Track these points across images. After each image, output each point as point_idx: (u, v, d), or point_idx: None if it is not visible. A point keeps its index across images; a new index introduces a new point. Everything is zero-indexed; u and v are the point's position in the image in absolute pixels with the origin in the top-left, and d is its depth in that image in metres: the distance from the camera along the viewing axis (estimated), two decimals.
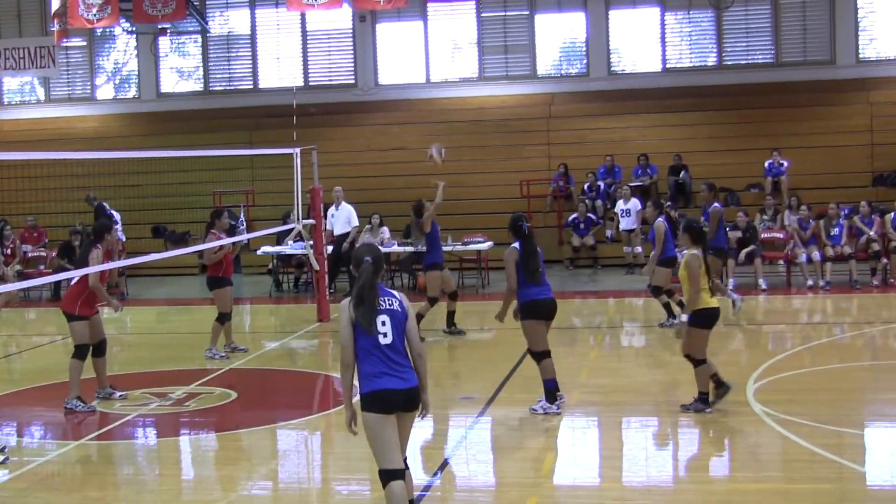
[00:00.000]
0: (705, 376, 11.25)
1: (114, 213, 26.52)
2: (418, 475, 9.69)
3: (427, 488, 9.19)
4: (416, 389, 7.45)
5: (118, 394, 12.97)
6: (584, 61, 31.92)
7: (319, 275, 19.00)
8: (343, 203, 22.48)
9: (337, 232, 22.21)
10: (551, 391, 11.53)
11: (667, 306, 16.89)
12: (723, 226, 18.14)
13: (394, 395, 7.34)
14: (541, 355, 11.64)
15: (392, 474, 7.37)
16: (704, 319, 11.14)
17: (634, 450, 10.51)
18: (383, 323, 7.35)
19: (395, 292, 7.57)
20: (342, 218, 22.35)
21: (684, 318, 11.26)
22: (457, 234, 23.51)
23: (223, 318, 15.12)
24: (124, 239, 25.84)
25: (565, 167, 27.88)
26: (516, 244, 11.65)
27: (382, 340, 7.34)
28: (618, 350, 16.27)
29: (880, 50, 30.66)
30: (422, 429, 11.63)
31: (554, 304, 11.85)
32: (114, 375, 13.74)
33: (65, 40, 31.20)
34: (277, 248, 23.25)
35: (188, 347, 14.84)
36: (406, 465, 7.56)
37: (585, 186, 27.41)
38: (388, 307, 7.41)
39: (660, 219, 16.85)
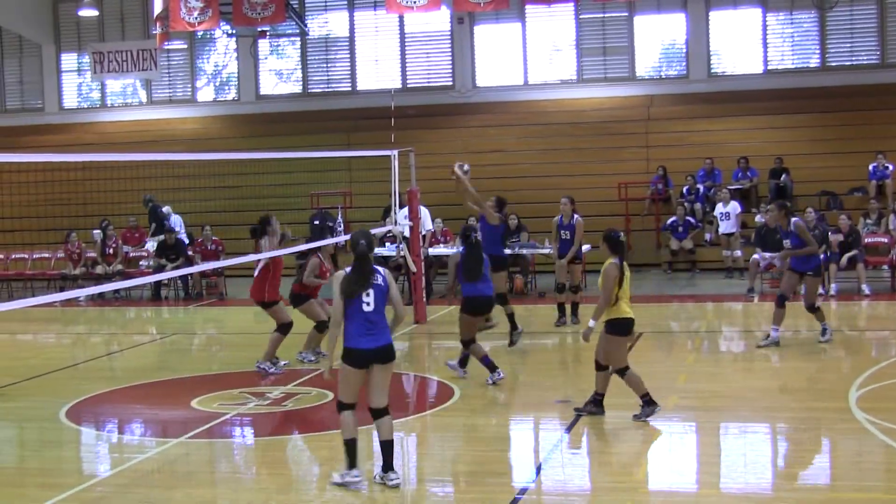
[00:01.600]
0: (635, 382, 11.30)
1: (173, 215, 26.89)
2: (514, 478, 9.63)
3: (522, 492, 9.13)
4: (389, 346, 9.13)
5: (281, 363, 14.52)
6: (684, 63, 31.62)
7: (416, 277, 19.01)
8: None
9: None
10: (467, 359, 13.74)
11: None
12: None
13: (366, 353, 9.01)
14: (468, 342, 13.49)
15: (345, 406, 9.24)
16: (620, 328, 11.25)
17: (732, 456, 10.33)
18: (367, 294, 8.99)
19: (380, 269, 9.18)
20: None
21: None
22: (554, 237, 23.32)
23: (321, 326, 15.08)
24: (187, 241, 26.12)
25: (664, 170, 27.60)
26: (462, 249, 13.52)
27: (365, 308, 8.99)
28: (716, 355, 16.04)
29: None
30: (518, 432, 11.59)
31: (490, 301, 13.62)
32: (214, 375, 13.89)
33: (166, 43, 31.64)
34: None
35: (285, 348, 14.90)
36: (387, 411, 9.30)
37: (684, 189, 27.10)
38: (374, 282, 9.06)
39: (795, 218, 15.84)
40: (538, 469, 9.89)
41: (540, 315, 20.37)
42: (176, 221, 27.38)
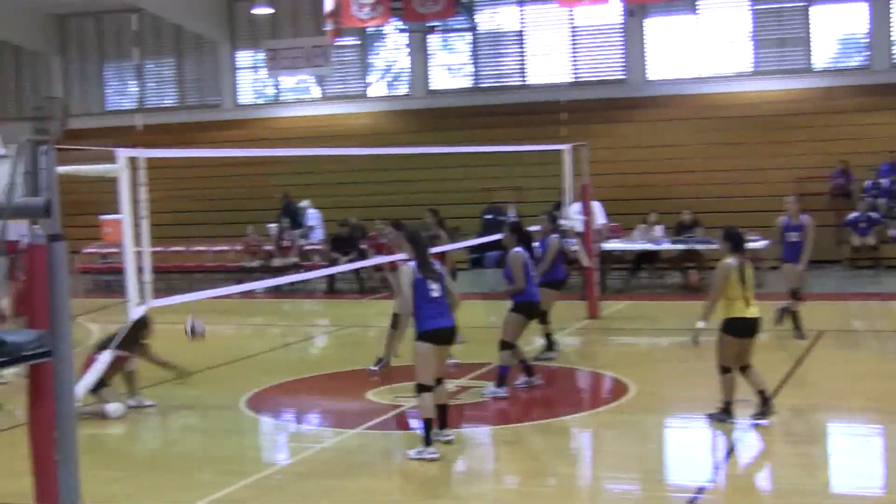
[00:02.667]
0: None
1: (310, 210, 27.11)
2: (691, 476, 9.41)
3: (700, 491, 8.91)
4: (456, 327, 10.25)
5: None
6: (866, 53, 30.67)
7: (589, 271, 18.82)
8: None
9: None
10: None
11: None
12: None
13: (446, 331, 10.13)
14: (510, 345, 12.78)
15: (427, 388, 10.03)
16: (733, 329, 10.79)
17: None
18: (433, 282, 10.03)
19: (435, 262, 10.28)
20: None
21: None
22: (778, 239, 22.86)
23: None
24: (321, 237, 26.30)
25: (845, 164, 26.77)
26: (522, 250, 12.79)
27: (433, 294, 10.01)
28: None
29: None
30: (695, 431, 11.33)
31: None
32: (396, 366, 13.91)
33: (338, 39, 32.05)
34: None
35: (480, 343, 14.89)
36: (441, 379, 10.30)
37: (866, 184, 26.24)
38: (437, 272, 10.19)
39: None
40: (716, 468, 9.66)
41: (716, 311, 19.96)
42: (313, 217, 27.72)
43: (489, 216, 27.10)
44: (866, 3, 30.27)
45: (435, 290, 10.01)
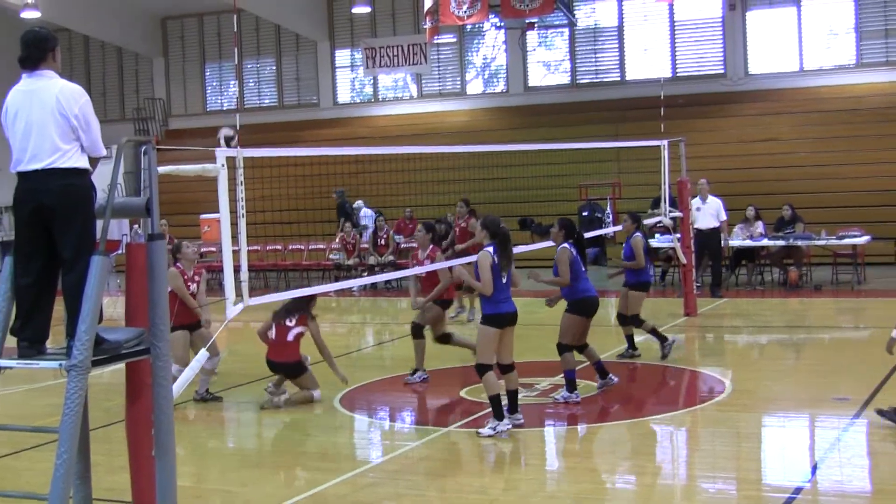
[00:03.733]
0: None
1: (364, 209, 27.19)
2: (788, 477, 9.31)
3: (797, 491, 8.80)
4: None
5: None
6: None
7: (686, 268, 18.69)
8: (710, 197, 21.34)
9: (702, 226, 21.13)
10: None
11: None
12: None
13: (511, 315, 10.85)
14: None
15: (488, 367, 10.71)
16: None
17: None
18: (503, 269, 10.72)
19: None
20: (709, 212, 21.27)
21: None
22: (831, 228, 22.57)
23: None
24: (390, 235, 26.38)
25: None
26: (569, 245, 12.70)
27: (503, 280, 10.73)
28: None
29: None
30: (792, 430, 11.21)
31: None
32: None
33: (436, 37, 32.18)
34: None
35: (554, 339, 14.87)
36: (513, 365, 11.00)
37: None
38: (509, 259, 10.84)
39: None
40: (814, 468, 9.53)
41: (816, 308, 19.74)
42: (367, 216, 27.83)
43: (586, 213, 27.03)
44: None
45: (504, 276, 10.75)
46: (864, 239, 22.03)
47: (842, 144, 28.54)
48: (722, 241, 21.38)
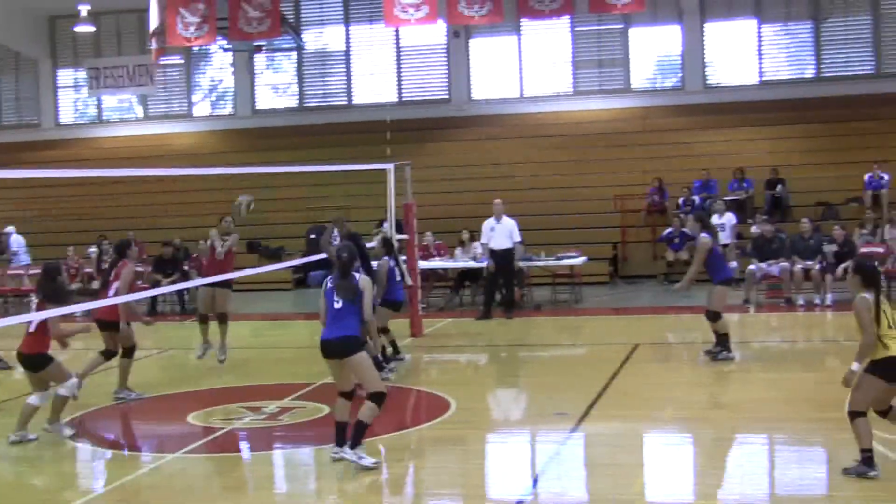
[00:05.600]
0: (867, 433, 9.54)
1: (13, 236, 26.94)
2: (510, 490, 9.62)
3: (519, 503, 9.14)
4: (343, 339, 9.98)
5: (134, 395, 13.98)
6: (680, 74, 31.72)
7: (412, 290, 18.99)
8: (504, 217, 21.25)
9: (496, 246, 21.17)
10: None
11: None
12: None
13: (324, 343, 10.12)
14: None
15: (340, 394, 10.35)
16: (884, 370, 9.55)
17: (731, 467, 10.31)
18: (338, 296, 10.10)
19: (356, 275, 10.21)
20: (503, 232, 21.20)
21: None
22: (550, 249, 23.41)
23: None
24: (26, 261, 26.04)
25: (660, 181, 27.63)
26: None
27: (335, 306, 10.11)
28: (712, 366, 15.99)
29: None
30: (515, 445, 11.58)
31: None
32: (210, 390, 13.88)
33: (162, 58, 31.72)
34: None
35: (282, 362, 14.91)
36: (372, 396, 10.10)
37: (680, 201, 27.13)
38: (351, 284, 10.17)
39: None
40: (535, 481, 9.88)
41: (536, 327, 20.40)
42: (16, 242, 27.37)
43: (314, 235, 27.10)
44: (679, 25, 31.27)
45: (339, 302, 10.14)
46: (581, 260, 22.98)
47: (560, 168, 29.65)
48: (514, 262, 21.57)
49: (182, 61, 35.03)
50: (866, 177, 26.25)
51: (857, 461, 9.48)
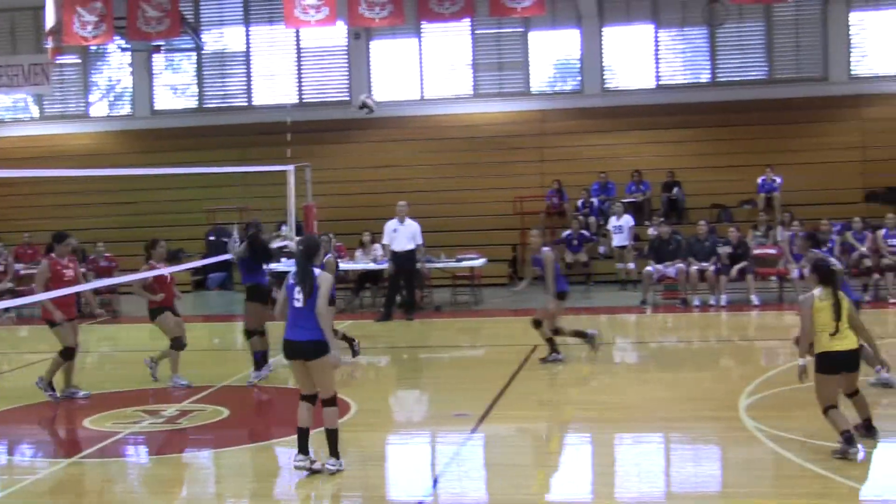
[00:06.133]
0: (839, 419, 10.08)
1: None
2: (411, 491, 9.69)
3: None
4: (304, 343, 9.84)
5: (81, 393, 13.89)
6: (578, 78, 31.99)
7: None
8: (408, 219, 21.40)
9: (399, 248, 21.26)
10: None
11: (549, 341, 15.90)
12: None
13: (288, 344, 9.95)
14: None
15: (300, 397, 10.09)
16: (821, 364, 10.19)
17: (627, 465, 10.49)
18: (298, 291, 9.85)
19: (317, 271, 9.94)
20: (406, 234, 21.33)
21: None
22: (450, 251, 23.55)
23: (177, 343, 14.88)
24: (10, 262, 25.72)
25: (559, 184, 27.92)
26: None
27: (296, 305, 9.87)
28: (610, 366, 16.24)
29: (872, 67, 30.78)
30: (416, 446, 11.65)
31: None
32: (107, 393, 13.76)
33: (59, 57, 31.21)
34: (270, 265, 22.85)
35: (181, 365, 14.79)
36: (329, 402, 9.97)
37: (579, 203, 27.43)
38: (309, 281, 9.87)
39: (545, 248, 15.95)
40: (435, 482, 9.95)
41: (437, 329, 20.49)
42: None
43: (213, 238, 26.95)
44: (578, 29, 31.59)
45: (300, 301, 9.87)
46: (481, 261, 23.13)
47: (460, 170, 29.78)
48: (417, 264, 21.60)
49: (79, 61, 34.49)
50: (759, 180, 26.78)
51: (840, 442, 9.97)
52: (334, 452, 9.86)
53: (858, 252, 21.85)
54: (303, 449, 9.94)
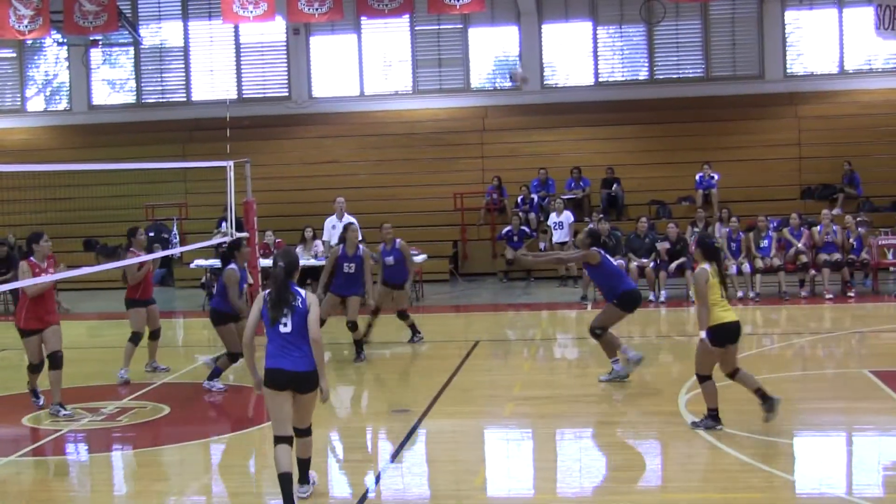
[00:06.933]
0: (712, 393, 10.95)
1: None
2: (353, 487, 9.72)
3: (362, 500, 9.21)
4: (306, 374, 8.74)
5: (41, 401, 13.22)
6: None
7: (253, 288, 18.88)
8: (347, 215, 21.18)
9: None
10: None
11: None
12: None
13: (282, 374, 8.72)
14: None
15: (279, 439, 8.89)
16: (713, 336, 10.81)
17: (568, 461, 10.58)
18: (285, 315, 8.70)
19: (301, 291, 8.86)
20: None
21: None
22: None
23: (136, 338, 14.87)
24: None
25: (499, 180, 28.00)
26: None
27: (282, 329, 8.71)
28: (551, 362, 16.36)
29: (807, 65, 31.21)
30: (357, 440, 11.66)
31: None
32: (46, 391, 13.62)
33: None
34: (210, 262, 22.84)
35: (120, 362, 14.70)
36: (308, 431, 9.08)
37: (519, 199, 27.52)
38: (293, 303, 8.75)
39: None
40: (377, 478, 9.98)
41: (378, 325, 20.47)
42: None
43: (152, 234, 26.69)
44: (517, 26, 31.70)
45: (285, 324, 8.78)
46: (422, 258, 23.14)
47: (400, 167, 29.79)
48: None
49: (14, 55, 34.11)
50: (697, 176, 27.04)
51: (705, 416, 10.84)
52: (305, 479, 9.20)
53: (795, 248, 22.11)
54: (289, 500, 8.78)
